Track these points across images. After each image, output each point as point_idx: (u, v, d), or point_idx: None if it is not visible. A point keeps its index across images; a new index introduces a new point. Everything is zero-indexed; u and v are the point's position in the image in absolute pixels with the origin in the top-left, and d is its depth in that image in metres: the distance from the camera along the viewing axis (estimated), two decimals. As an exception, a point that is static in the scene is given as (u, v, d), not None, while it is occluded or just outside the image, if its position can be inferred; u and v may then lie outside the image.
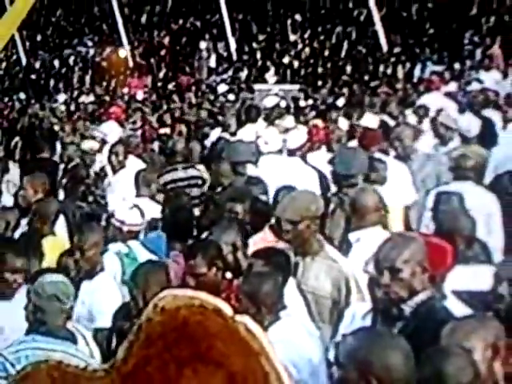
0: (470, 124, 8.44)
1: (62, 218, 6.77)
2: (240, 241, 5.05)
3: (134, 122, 13.07)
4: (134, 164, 8.49)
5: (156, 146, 11.26)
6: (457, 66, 14.85)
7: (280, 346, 2.53)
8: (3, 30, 16.72)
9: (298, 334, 3.94)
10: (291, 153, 8.04)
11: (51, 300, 4.17)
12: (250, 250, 4.92)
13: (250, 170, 7.30)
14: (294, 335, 3.89)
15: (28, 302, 4.26)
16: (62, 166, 9.75)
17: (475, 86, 12.33)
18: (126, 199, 6.52)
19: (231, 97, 15.15)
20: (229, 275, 4.75)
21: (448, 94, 11.67)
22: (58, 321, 4.19)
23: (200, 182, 8.05)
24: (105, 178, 8.84)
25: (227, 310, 2.11)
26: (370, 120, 9.14)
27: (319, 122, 9.86)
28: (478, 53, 15.42)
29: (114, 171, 8.59)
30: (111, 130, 12.10)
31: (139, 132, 12.11)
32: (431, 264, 3.76)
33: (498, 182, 6.73)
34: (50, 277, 4.32)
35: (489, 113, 9.94)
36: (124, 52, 21.74)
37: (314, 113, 11.93)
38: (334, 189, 6.84)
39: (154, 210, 6.38)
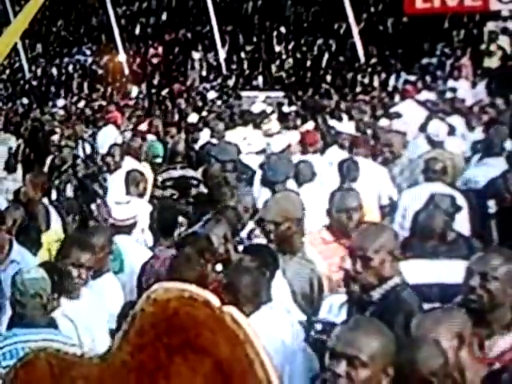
0: (439, 129, 8.49)
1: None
2: (230, 235, 5.04)
3: (134, 125, 13.02)
4: (131, 165, 8.46)
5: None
6: (429, 75, 14.89)
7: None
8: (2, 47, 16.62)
9: (277, 323, 3.93)
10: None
11: (33, 297, 4.10)
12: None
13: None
14: (272, 325, 3.88)
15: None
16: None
17: (446, 94, 12.39)
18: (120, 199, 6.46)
19: (220, 103, 15.15)
20: (219, 267, 4.73)
21: (419, 102, 11.73)
22: (38, 312, 4.12)
23: (196, 182, 8.06)
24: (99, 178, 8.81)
25: (215, 301, 2.11)
26: (348, 126, 9.18)
27: (308, 127, 9.87)
28: (449, 64, 15.48)
29: (110, 171, 8.56)
30: (108, 134, 12.10)
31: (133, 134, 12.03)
32: None
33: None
34: (29, 273, 4.23)
35: (456, 120, 9.99)
36: (122, 57, 21.63)
37: (298, 119, 11.90)
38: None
39: (142, 208, 6.37)
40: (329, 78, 17.31)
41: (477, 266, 3.34)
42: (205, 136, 11.04)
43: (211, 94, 17.04)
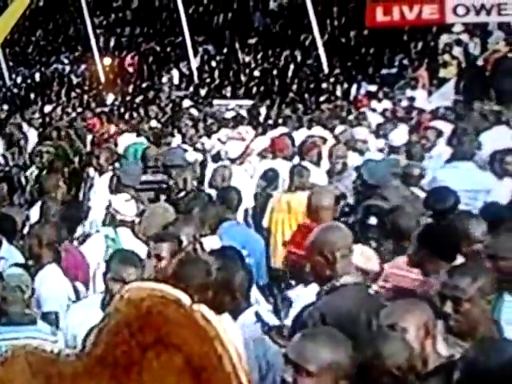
0: (398, 136, 8.59)
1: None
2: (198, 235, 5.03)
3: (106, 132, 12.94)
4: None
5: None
6: (388, 85, 15.00)
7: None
8: None
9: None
10: (232, 161, 8.19)
11: (15, 291, 4.07)
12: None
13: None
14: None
15: None
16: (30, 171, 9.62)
17: (405, 103, 12.50)
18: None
19: (192, 110, 15.11)
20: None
21: (374, 111, 11.84)
22: (20, 308, 4.09)
23: (165, 186, 8.05)
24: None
25: (186, 299, 2.11)
26: (315, 132, 9.22)
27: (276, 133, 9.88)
28: (407, 74, 15.60)
29: (100, 173, 8.43)
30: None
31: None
32: None
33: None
34: (11, 269, 4.23)
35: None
36: (99, 66, 21.47)
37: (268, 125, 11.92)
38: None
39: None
40: (294, 87, 17.36)
41: (448, 291, 3.26)
42: (177, 141, 11.02)
43: (184, 102, 16.98)
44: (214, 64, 20.22)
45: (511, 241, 3.87)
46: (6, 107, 20.58)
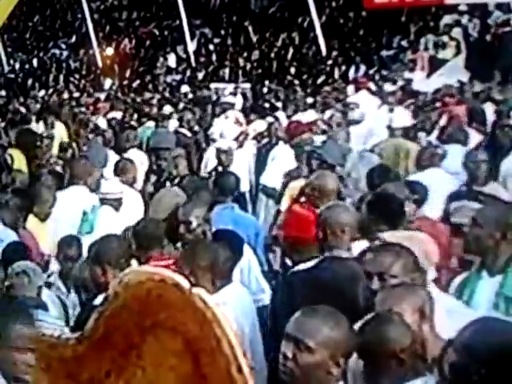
0: (397, 118, 8.57)
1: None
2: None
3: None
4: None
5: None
6: (386, 67, 14.96)
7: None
8: None
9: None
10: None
11: (21, 276, 4.09)
12: None
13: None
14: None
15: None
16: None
17: (403, 85, 12.47)
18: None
19: (190, 94, 15.08)
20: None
21: (373, 92, 11.81)
22: (28, 294, 4.10)
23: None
24: None
25: (184, 283, 2.12)
26: (310, 116, 9.21)
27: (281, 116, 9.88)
28: (406, 56, 15.54)
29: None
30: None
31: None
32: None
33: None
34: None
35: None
36: (96, 51, 21.44)
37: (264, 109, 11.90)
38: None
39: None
40: (292, 70, 17.33)
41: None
42: (174, 125, 10.99)
43: (181, 86, 16.96)
44: (211, 47, 20.15)
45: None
46: (3, 93, 20.56)
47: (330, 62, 16.55)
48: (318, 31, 17.08)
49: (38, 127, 11.63)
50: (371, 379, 2.92)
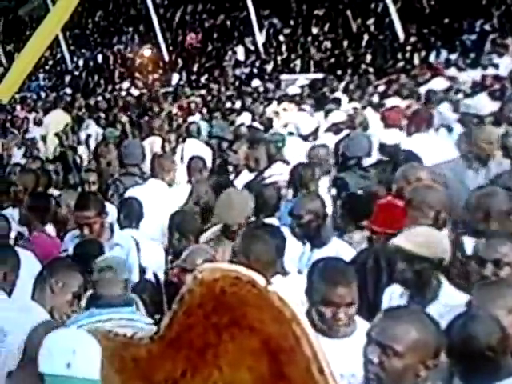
0: (483, 104, 8.40)
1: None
2: None
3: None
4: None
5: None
6: (468, 52, 14.66)
7: None
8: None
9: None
10: (304, 138, 8.17)
11: (105, 271, 4.12)
12: None
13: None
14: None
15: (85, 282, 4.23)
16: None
17: (489, 71, 12.19)
18: None
19: (260, 88, 15.12)
20: None
21: (449, 78, 11.60)
22: (114, 291, 4.13)
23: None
24: None
25: (261, 281, 2.12)
26: (394, 103, 9.11)
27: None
28: (489, 40, 15.20)
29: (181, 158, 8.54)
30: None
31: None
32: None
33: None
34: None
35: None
36: (162, 46, 21.73)
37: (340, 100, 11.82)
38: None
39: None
40: (368, 58, 17.18)
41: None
42: (245, 119, 11.04)
43: (250, 78, 17.01)
44: (281, 38, 20.15)
45: None
46: (68, 91, 21.03)
47: (408, 48, 16.33)
48: (394, 16, 16.89)
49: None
50: (462, 379, 2.88)
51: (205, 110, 12.73)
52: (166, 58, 21.65)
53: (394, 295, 3.85)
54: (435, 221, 4.30)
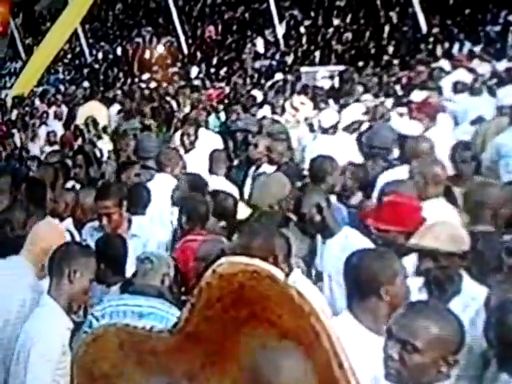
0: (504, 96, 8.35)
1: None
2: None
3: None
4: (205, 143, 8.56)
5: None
6: (492, 44, 14.55)
7: None
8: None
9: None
10: (324, 131, 8.15)
11: (144, 263, 4.19)
12: None
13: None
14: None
15: None
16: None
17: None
18: None
19: (280, 79, 15.10)
20: None
21: (471, 70, 11.52)
22: (148, 281, 4.18)
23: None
24: None
25: (279, 275, 2.13)
26: (418, 96, 9.08)
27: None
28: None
29: (186, 151, 8.56)
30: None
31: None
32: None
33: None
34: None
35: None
36: (181, 38, 21.77)
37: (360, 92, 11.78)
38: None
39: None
40: (390, 49, 17.10)
41: None
42: (265, 112, 11.04)
43: (271, 71, 16.99)
44: (302, 30, 20.10)
45: None
46: (86, 84, 21.12)
47: (431, 39, 16.24)
48: (417, 7, 16.80)
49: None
50: (499, 363, 2.89)
51: (222, 104, 12.72)
52: (185, 50, 21.68)
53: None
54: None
